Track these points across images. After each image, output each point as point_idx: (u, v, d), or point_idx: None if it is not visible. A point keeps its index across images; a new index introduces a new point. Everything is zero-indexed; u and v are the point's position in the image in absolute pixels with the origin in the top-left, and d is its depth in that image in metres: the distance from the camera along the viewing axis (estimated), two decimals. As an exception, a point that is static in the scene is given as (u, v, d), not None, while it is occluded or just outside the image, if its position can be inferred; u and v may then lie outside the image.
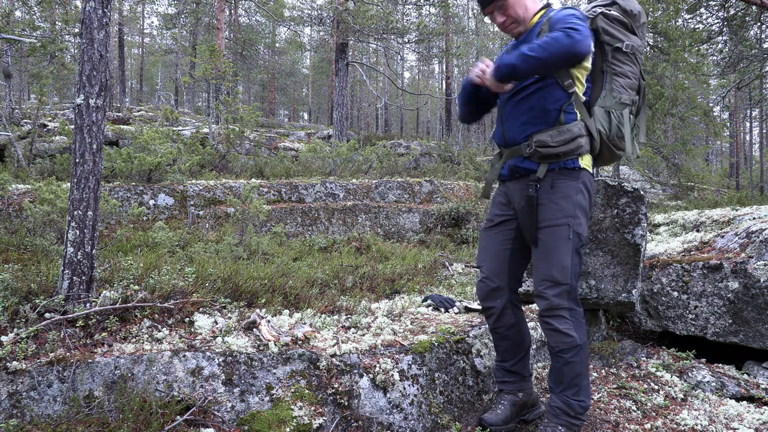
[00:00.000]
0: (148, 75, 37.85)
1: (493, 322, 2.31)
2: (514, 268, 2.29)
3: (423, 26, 14.53)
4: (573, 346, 2.05)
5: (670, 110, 10.78)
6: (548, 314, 2.08)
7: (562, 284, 2.05)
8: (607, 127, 2.11)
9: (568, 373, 2.08)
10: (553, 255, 2.06)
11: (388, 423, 2.16)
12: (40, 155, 9.61)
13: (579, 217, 2.08)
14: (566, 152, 2.05)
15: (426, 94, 25.75)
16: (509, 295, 2.28)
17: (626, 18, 2.14)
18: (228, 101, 10.34)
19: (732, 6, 10.55)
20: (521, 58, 1.90)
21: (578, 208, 2.08)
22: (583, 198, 2.10)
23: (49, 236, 4.50)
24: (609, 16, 2.12)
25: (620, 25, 2.13)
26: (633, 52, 2.12)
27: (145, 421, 1.81)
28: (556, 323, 2.06)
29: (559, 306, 2.06)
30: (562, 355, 2.07)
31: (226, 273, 3.10)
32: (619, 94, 2.10)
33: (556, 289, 2.06)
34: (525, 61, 1.90)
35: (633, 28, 2.15)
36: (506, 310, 2.28)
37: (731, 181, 22.12)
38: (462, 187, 9.84)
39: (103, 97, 2.40)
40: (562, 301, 2.05)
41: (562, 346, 2.06)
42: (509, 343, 2.32)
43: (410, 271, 4.77)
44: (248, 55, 22.17)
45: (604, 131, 2.11)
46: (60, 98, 23.70)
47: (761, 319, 3.05)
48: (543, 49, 1.87)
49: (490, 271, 2.29)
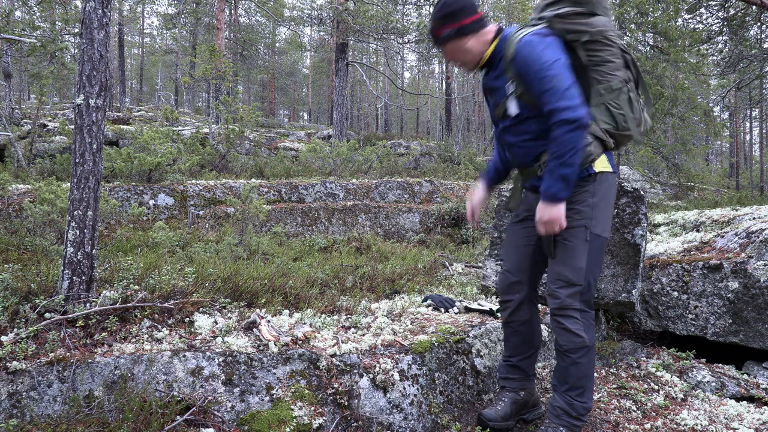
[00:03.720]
0: (148, 75, 37.85)
1: (508, 315, 2.32)
2: (536, 265, 2.28)
3: (423, 26, 14.52)
4: (582, 347, 2.05)
5: (670, 110, 10.78)
6: (559, 313, 2.08)
7: (575, 285, 2.05)
8: (612, 121, 2.05)
9: (574, 373, 2.08)
10: (569, 256, 2.06)
11: (388, 423, 2.16)
12: (40, 155, 9.61)
13: (597, 218, 2.06)
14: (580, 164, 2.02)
15: (426, 94, 25.74)
16: (528, 291, 2.27)
17: (580, 6, 2.04)
18: (228, 101, 10.34)
19: (732, 6, 10.55)
20: (565, 183, 1.92)
21: (596, 209, 2.06)
22: (601, 199, 2.07)
23: (49, 236, 4.50)
24: (562, 15, 2.02)
25: (578, 17, 2.03)
26: (602, 35, 2.02)
27: (145, 421, 1.81)
28: (566, 323, 2.06)
29: (570, 306, 2.06)
30: (570, 354, 2.07)
31: (226, 273, 3.09)
32: (608, 82, 2.04)
33: (569, 289, 2.06)
34: (568, 181, 1.93)
35: (592, 10, 2.05)
36: (522, 306, 2.28)
37: (731, 181, 22.12)
38: (462, 187, 9.84)
39: (103, 97, 2.40)
40: (573, 301, 2.06)
41: (571, 345, 2.06)
42: (519, 339, 2.31)
43: (410, 271, 4.77)
44: (248, 55, 22.18)
45: (611, 126, 2.05)
46: (60, 98, 23.69)
47: (761, 319, 3.05)
48: (568, 164, 1.89)
49: (511, 265, 2.31)
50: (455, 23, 2.06)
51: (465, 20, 2.06)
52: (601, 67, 2.04)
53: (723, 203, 9.83)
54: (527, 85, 1.97)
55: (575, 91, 1.89)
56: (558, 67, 1.90)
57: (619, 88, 2.04)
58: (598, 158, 2.07)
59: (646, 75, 10.85)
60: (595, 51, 2.03)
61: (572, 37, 2.02)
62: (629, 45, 11.50)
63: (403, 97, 33.05)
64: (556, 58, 1.92)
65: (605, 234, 2.10)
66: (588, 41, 2.02)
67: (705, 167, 18.60)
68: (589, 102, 2.06)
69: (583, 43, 2.02)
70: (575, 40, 2.02)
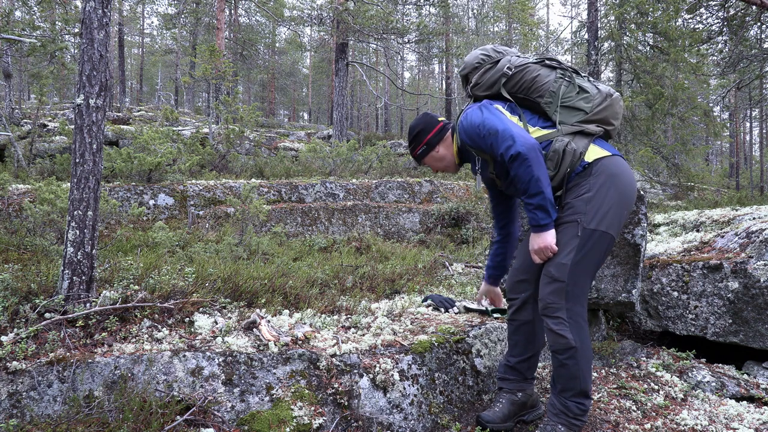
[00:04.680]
0: (148, 75, 37.85)
1: (512, 313, 2.34)
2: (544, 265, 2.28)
3: (423, 26, 14.53)
4: (567, 348, 2.02)
5: (670, 110, 10.78)
6: (543, 312, 2.08)
7: (557, 281, 2.03)
8: (576, 111, 2.16)
9: (563, 374, 2.07)
10: (557, 251, 2.06)
11: (388, 423, 2.16)
12: (40, 155, 9.61)
13: (590, 212, 2.03)
14: (570, 164, 2.11)
15: (426, 94, 25.73)
16: (533, 290, 2.27)
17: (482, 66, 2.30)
18: (228, 101, 10.34)
19: (732, 6, 10.55)
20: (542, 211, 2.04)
21: (591, 203, 2.05)
22: (596, 192, 2.06)
23: (49, 236, 4.50)
24: (476, 84, 2.31)
25: (487, 73, 2.29)
26: (511, 68, 2.24)
27: (145, 421, 1.81)
28: (550, 323, 2.05)
29: (554, 304, 2.03)
30: (556, 355, 2.07)
31: (226, 273, 3.09)
32: (546, 89, 2.19)
33: (551, 285, 2.04)
34: (544, 207, 2.04)
35: (493, 59, 2.29)
36: (527, 305, 2.28)
37: (731, 181, 22.11)
38: (462, 187, 9.83)
39: (103, 97, 2.40)
40: (557, 299, 2.03)
41: (556, 346, 2.05)
42: (519, 338, 2.32)
43: (410, 271, 4.77)
44: (248, 55, 22.18)
45: (582, 114, 2.16)
46: (60, 98, 23.69)
47: (761, 319, 3.05)
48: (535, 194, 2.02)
49: (520, 264, 2.33)
50: (423, 141, 2.40)
51: (428, 135, 2.40)
52: (532, 87, 2.22)
53: (723, 203, 9.83)
54: (481, 150, 2.21)
55: (510, 131, 2.06)
56: (487, 121, 2.12)
57: (558, 86, 2.19)
58: (586, 150, 2.11)
59: (646, 75, 10.86)
60: (518, 81, 2.24)
61: (496, 89, 2.28)
62: (629, 45, 11.51)
63: (403, 97, 33.04)
64: (484, 117, 2.15)
65: (603, 227, 2.03)
66: (507, 81, 2.25)
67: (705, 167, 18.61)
68: (549, 114, 2.20)
69: (504, 84, 2.26)
70: (499, 89, 2.27)
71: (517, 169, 2.01)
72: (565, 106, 2.17)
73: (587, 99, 2.17)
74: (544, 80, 2.20)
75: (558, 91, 2.17)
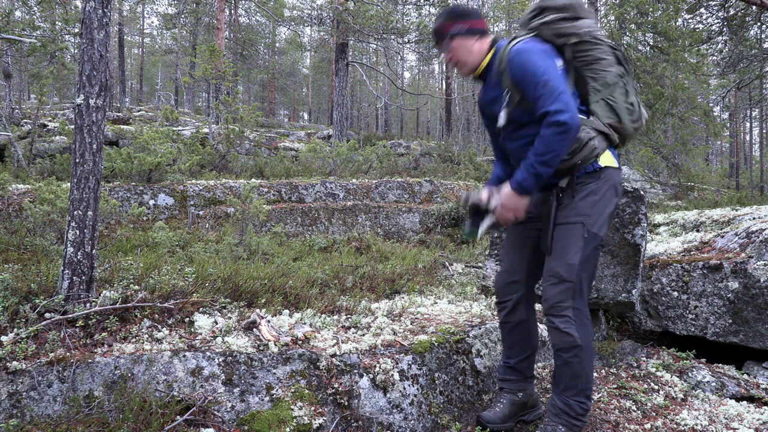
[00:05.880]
0: (148, 75, 37.85)
1: (504, 315, 2.32)
2: (533, 266, 2.27)
3: (423, 26, 14.52)
4: (573, 346, 2.03)
5: (670, 110, 10.78)
6: (550, 311, 2.08)
7: (566, 281, 2.03)
8: (614, 115, 2.09)
9: (566, 373, 2.07)
10: (562, 252, 2.05)
11: (388, 423, 2.16)
12: (40, 155, 9.60)
13: (595, 216, 2.05)
14: (584, 159, 2.04)
15: (426, 94, 25.72)
16: (525, 291, 2.28)
17: (564, 12, 2.13)
18: (228, 101, 10.34)
19: (732, 6, 10.55)
20: (537, 180, 1.96)
21: (596, 207, 2.05)
22: (601, 197, 2.07)
23: (49, 236, 4.50)
24: (549, 22, 2.12)
25: (564, 21, 2.12)
26: (590, 35, 2.10)
27: (145, 421, 1.81)
28: (557, 321, 2.05)
29: (561, 304, 2.04)
30: (561, 354, 2.07)
31: (226, 273, 3.09)
32: (603, 78, 2.10)
33: (560, 286, 2.04)
34: (540, 180, 1.96)
35: (576, 14, 2.13)
36: (519, 306, 2.28)
37: (731, 181, 22.09)
38: (462, 187, 9.83)
39: (103, 97, 2.40)
40: (565, 299, 2.04)
41: (562, 344, 2.05)
42: (516, 339, 2.31)
43: (410, 271, 4.76)
44: (248, 55, 22.18)
45: (614, 120, 2.09)
46: (60, 98, 23.69)
47: (761, 319, 3.05)
48: (547, 164, 1.93)
49: (508, 265, 2.32)
50: (467, 21, 2.17)
51: (475, 22, 2.18)
52: (593, 65, 2.11)
53: (723, 203, 9.82)
54: (523, 91, 2.03)
55: (568, 96, 1.94)
56: (550, 72, 1.97)
57: (615, 82, 2.11)
58: (603, 153, 2.09)
59: (646, 75, 10.85)
60: (586, 51, 2.11)
61: (562, 41, 2.12)
62: (629, 45, 11.51)
63: (403, 97, 33.04)
64: (548, 64, 1.99)
65: (602, 233, 2.09)
66: (577, 42, 2.11)
67: (705, 167, 18.60)
68: (589, 99, 2.12)
69: (572, 45, 2.11)
70: (565, 44, 2.11)
71: (553, 135, 1.91)
72: (608, 104, 2.10)
73: (630, 111, 2.12)
74: (607, 68, 2.11)
75: (613, 87, 2.10)
